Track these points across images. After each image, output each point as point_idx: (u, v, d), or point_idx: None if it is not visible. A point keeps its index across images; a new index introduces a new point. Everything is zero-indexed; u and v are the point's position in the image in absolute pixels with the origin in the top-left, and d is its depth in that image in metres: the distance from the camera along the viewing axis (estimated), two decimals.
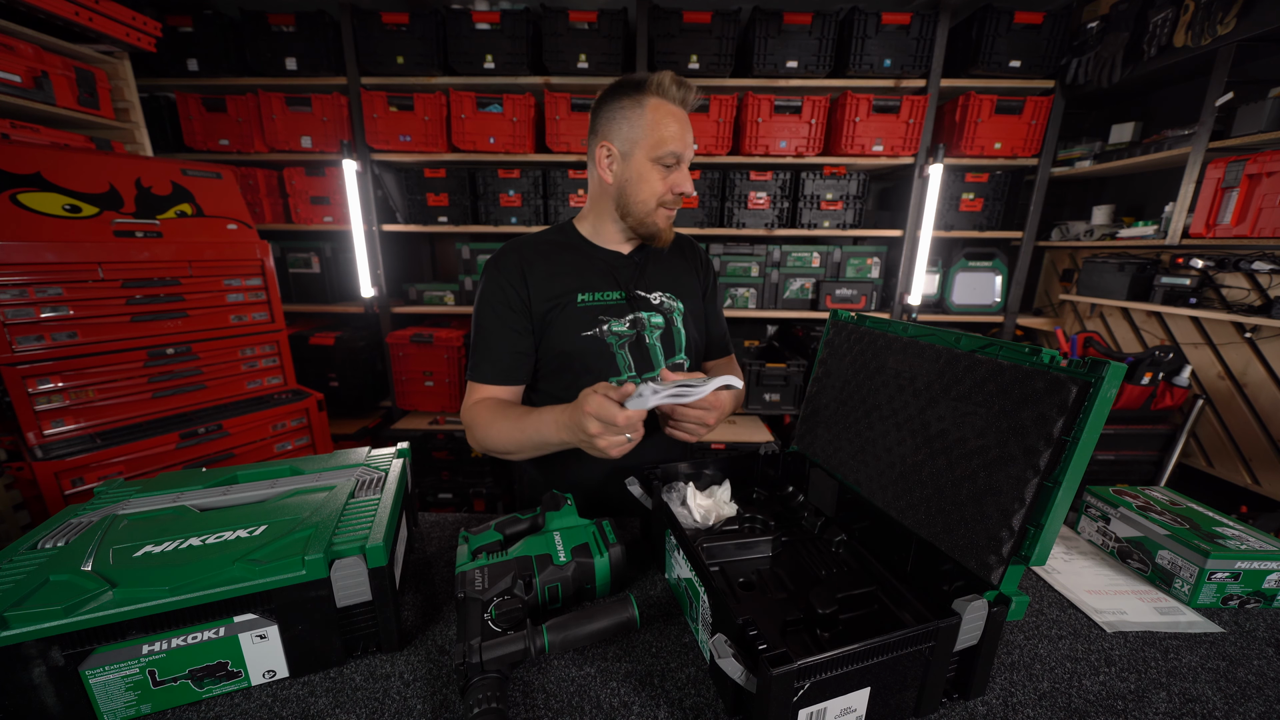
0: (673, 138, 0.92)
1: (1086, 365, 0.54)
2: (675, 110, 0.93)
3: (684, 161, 0.95)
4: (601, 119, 0.95)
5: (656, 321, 1.03)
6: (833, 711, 0.52)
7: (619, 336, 1.00)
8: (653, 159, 0.93)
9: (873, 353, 0.82)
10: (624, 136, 0.93)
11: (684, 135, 0.93)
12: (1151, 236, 2.12)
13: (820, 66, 2.28)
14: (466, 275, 2.60)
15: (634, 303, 1.02)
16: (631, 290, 1.02)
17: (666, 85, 0.91)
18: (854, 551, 0.78)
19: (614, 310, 1.00)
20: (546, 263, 1.00)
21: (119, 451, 1.45)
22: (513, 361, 0.98)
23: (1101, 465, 1.97)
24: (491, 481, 2.52)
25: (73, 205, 1.44)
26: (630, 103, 0.92)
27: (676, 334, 1.06)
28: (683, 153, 0.94)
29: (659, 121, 0.91)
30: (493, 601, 0.66)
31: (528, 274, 0.98)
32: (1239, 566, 0.74)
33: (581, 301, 0.99)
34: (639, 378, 1.01)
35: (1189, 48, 1.84)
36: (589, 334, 0.98)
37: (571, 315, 0.98)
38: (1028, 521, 0.56)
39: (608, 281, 1.02)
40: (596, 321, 0.99)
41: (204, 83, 2.42)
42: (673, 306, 1.06)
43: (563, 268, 1.00)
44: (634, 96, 0.92)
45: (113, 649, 0.55)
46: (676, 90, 0.91)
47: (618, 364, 1.00)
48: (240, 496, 0.78)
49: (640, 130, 0.92)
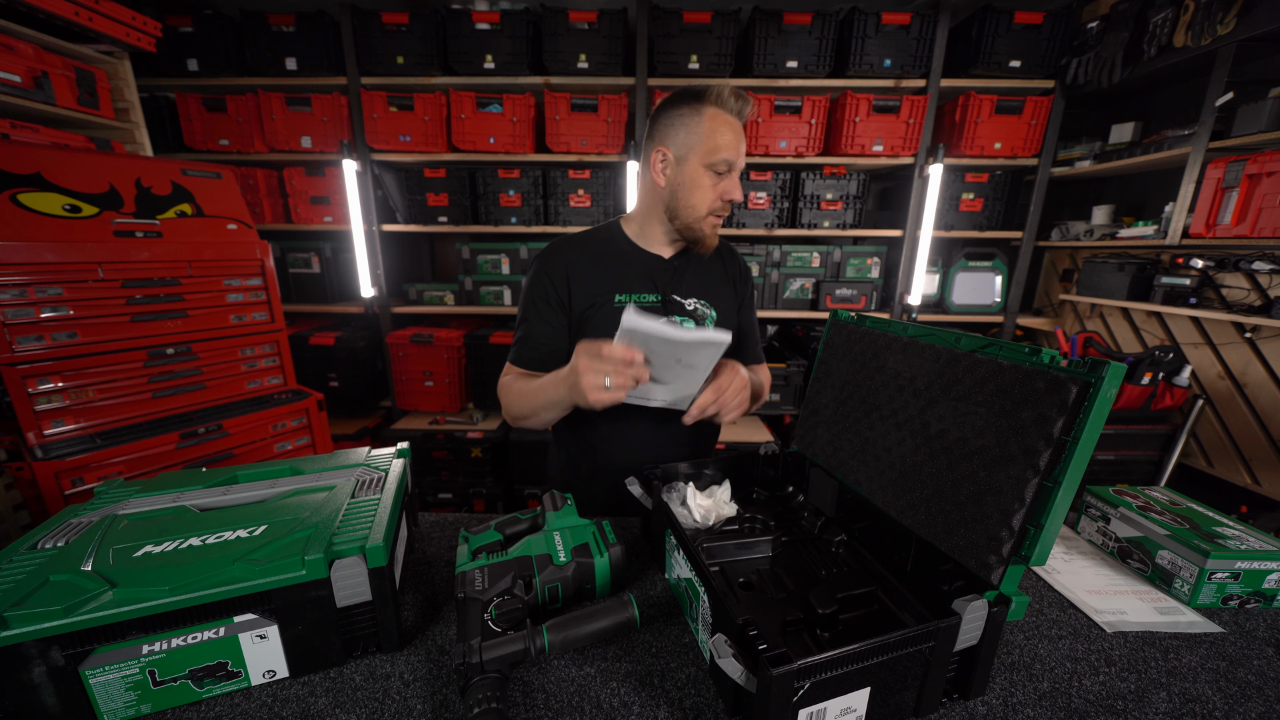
0: (727, 145, 0.95)
1: (1086, 365, 0.54)
2: (731, 120, 0.96)
3: (735, 170, 0.98)
4: (660, 125, 0.99)
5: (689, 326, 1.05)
6: (833, 711, 0.52)
7: None
8: (706, 165, 0.96)
9: (873, 353, 0.82)
10: (680, 142, 0.97)
11: (738, 145, 0.96)
12: (1151, 236, 2.12)
13: (820, 66, 2.28)
14: (466, 275, 2.60)
15: (669, 306, 1.05)
16: (668, 294, 1.05)
17: (725, 96, 0.95)
18: (854, 551, 0.78)
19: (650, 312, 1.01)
20: (590, 262, 1.04)
21: (119, 451, 1.45)
22: (546, 353, 1.03)
23: (1101, 465, 1.97)
24: (491, 481, 2.52)
25: (73, 205, 1.44)
26: (689, 110, 0.96)
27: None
28: (735, 161, 0.97)
29: (715, 130, 0.94)
30: (493, 601, 0.66)
31: (570, 273, 1.02)
32: (1239, 566, 0.74)
33: (619, 302, 1.02)
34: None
35: (1189, 48, 1.84)
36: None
37: (608, 314, 1.01)
38: (1028, 521, 0.56)
39: (645, 284, 1.05)
40: None
41: (204, 83, 2.42)
42: (705, 314, 1.09)
43: (604, 268, 1.04)
44: (693, 105, 0.96)
45: (113, 649, 0.55)
46: (734, 102, 0.96)
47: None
48: (240, 496, 0.78)
49: (697, 137, 0.95)
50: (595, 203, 2.50)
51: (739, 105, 0.96)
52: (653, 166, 1.00)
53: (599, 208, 2.51)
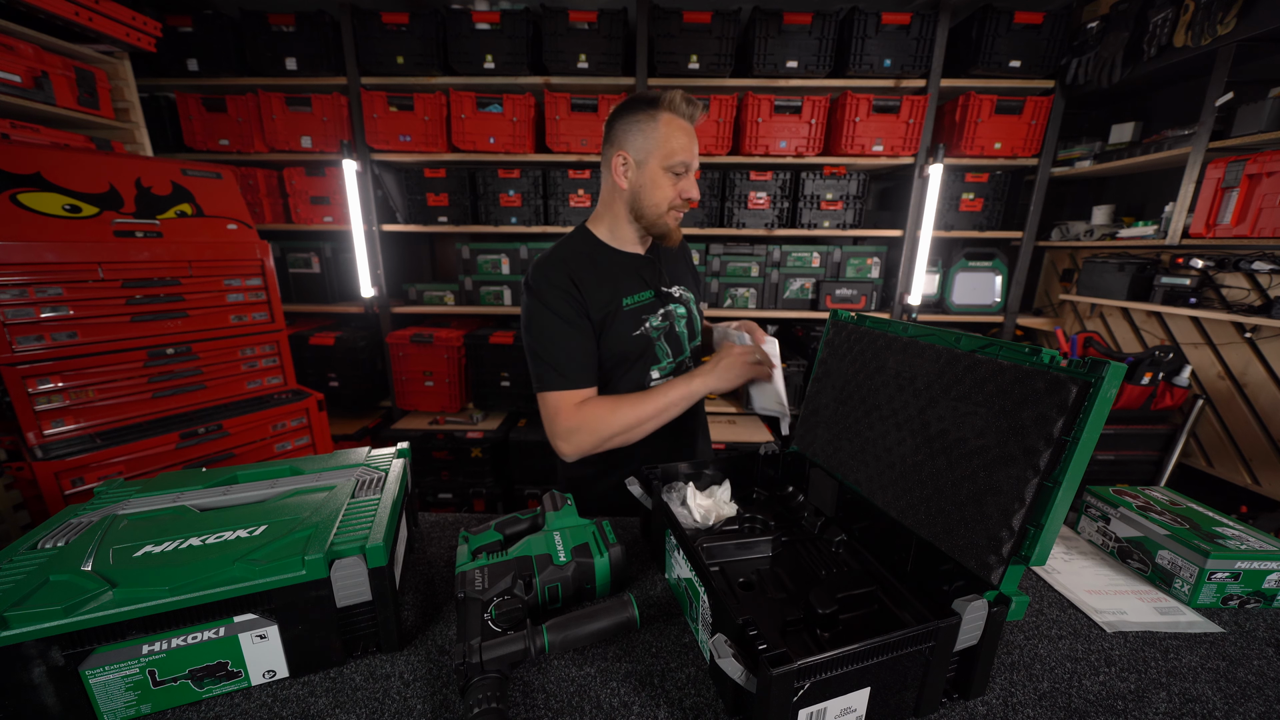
0: (682, 149, 1.01)
1: (1086, 365, 0.54)
2: (684, 124, 1.02)
3: (691, 170, 1.05)
4: (618, 130, 1.04)
5: (681, 312, 1.17)
6: (833, 711, 0.52)
7: (658, 330, 1.11)
8: (665, 167, 1.02)
9: (873, 353, 0.82)
10: (639, 146, 1.02)
11: (692, 147, 1.03)
12: (1151, 236, 2.12)
13: (820, 66, 2.28)
14: (466, 275, 2.60)
15: (662, 299, 1.13)
16: (658, 288, 1.13)
17: (678, 102, 1.01)
18: (854, 551, 0.78)
19: (650, 308, 1.11)
20: (588, 273, 1.07)
21: (119, 451, 1.45)
22: (587, 365, 1.05)
23: (1101, 465, 1.97)
24: (491, 481, 2.52)
25: (73, 205, 1.44)
26: (645, 117, 1.01)
27: (693, 320, 1.20)
28: (690, 162, 1.03)
29: (671, 134, 1.00)
30: (493, 601, 0.66)
31: (580, 284, 1.04)
32: (1239, 566, 0.74)
33: (628, 306, 1.08)
34: (673, 361, 1.15)
35: (1189, 48, 1.84)
36: (638, 333, 1.09)
37: (622, 319, 1.07)
38: (1028, 521, 0.56)
39: (639, 283, 1.11)
40: (640, 321, 1.09)
41: (204, 83, 2.42)
42: (687, 297, 1.19)
43: (602, 276, 1.08)
44: (649, 111, 1.01)
45: (113, 649, 0.55)
46: (686, 107, 1.02)
47: (657, 353, 1.13)
48: (240, 496, 0.78)
49: (654, 141, 1.01)
50: (595, 202, 2.50)
51: (690, 110, 1.03)
52: (615, 170, 1.05)
53: None
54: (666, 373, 1.13)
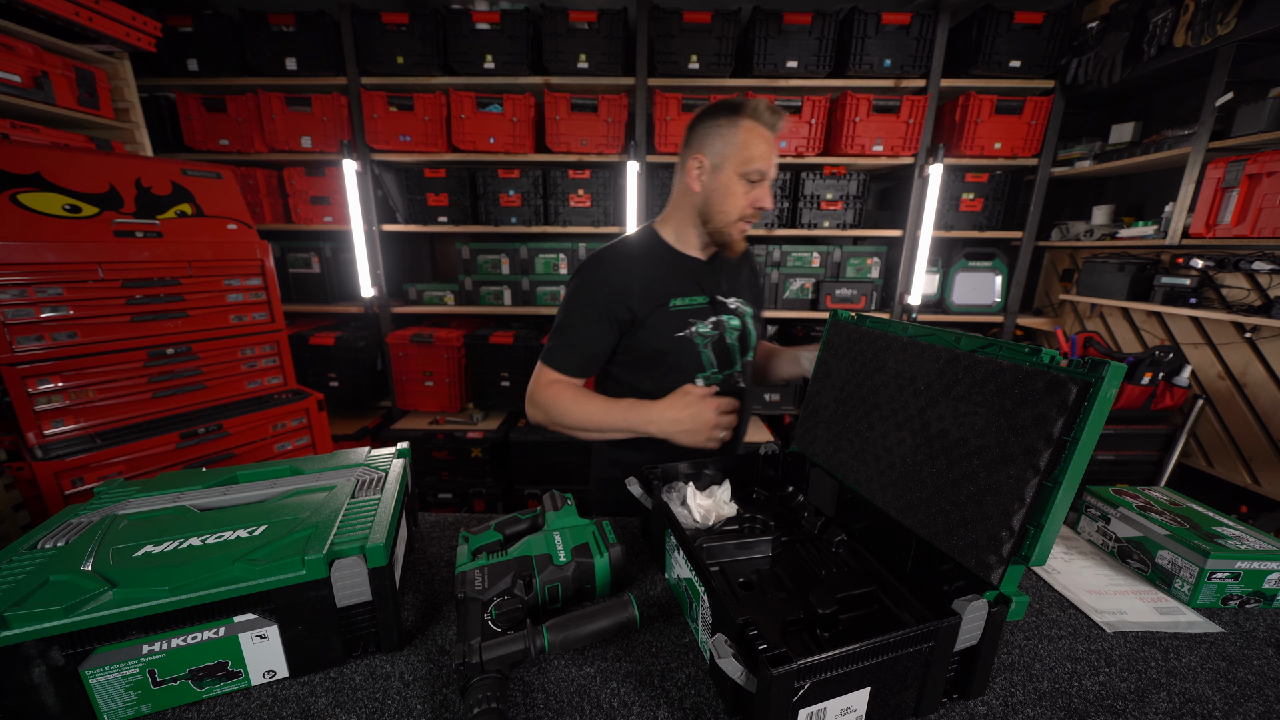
0: (760, 156, 1.00)
1: (1086, 365, 0.54)
2: (765, 133, 1.01)
3: (767, 179, 1.04)
4: (697, 134, 1.04)
5: (734, 324, 1.14)
6: (833, 711, 0.52)
7: (704, 337, 1.10)
8: (740, 173, 1.01)
9: (873, 353, 0.82)
10: (716, 151, 1.01)
11: (770, 155, 1.02)
12: (1151, 236, 2.12)
13: (820, 66, 2.28)
14: (466, 275, 2.60)
15: (716, 307, 1.12)
16: (713, 295, 1.12)
17: (761, 110, 0.99)
18: (854, 551, 0.78)
19: (700, 313, 1.10)
20: (643, 269, 1.09)
21: (119, 451, 1.45)
22: (587, 360, 1.09)
23: (1101, 465, 1.97)
24: (491, 481, 2.52)
25: (73, 205, 1.44)
26: (726, 122, 1.00)
27: (749, 335, 1.17)
28: (767, 171, 1.02)
29: (750, 141, 0.99)
30: (493, 601, 0.66)
31: (630, 280, 1.06)
32: (1239, 566, 0.74)
33: (674, 306, 1.08)
34: (720, 374, 1.13)
35: (1189, 48, 1.84)
36: (681, 335, 1.08)
37: (666, 318, 1.07)
38: (1028, 521, 0.56)
39: (693, 287, 1.11)
40: (687, 324, 1.08)
41: (204, 83, 2.42)
42: (745, 310, 1.17)
43: (657, 273, 1.09)
44: (730, 117, 1.00)
45: (113, 649, 0.55)
46: (770, 115, 1.00)
47: (702, 361, 1.11)
48: (240, 496, 0.78)
49: (733, 147, 1.00)
50: (595, 203, 2.50)
51: (774, 119, 1.01)
52: (689, 173, 1.05)
53: (599, 208, 2.51)
54: (713, 382, 1.12)
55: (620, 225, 2.50)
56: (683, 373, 1.10)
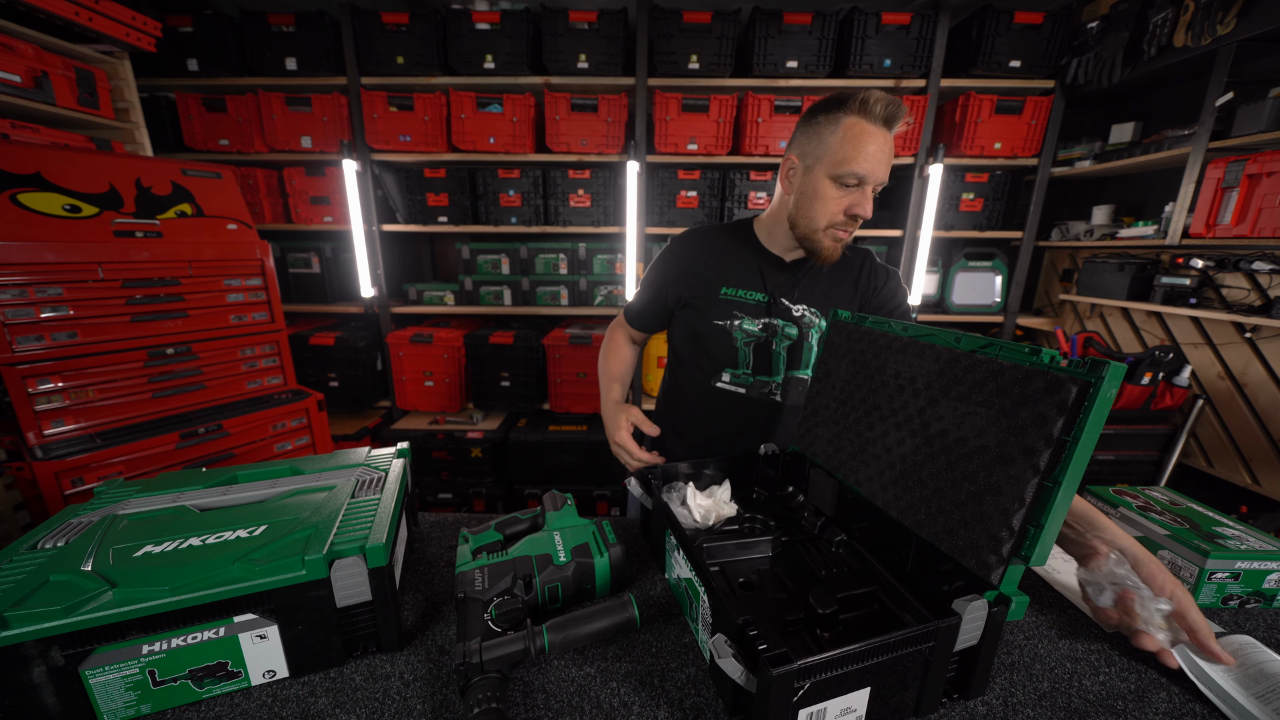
0: (858, 157, 0.89)
1: (1086, 365, 0.53)
2: (872, 130, 0.89)
3: (867, 183, 0.92)
4: (798, 132, 0.97)
5: (790, 332, 1.06)
6: (833, 711, 0.52)
7: (747, 334, 1.06)
8: (831, 175, 0.92)
9: (873, 353, 0.82)
10: (810, 150, 0.94)
11: (875, 156, 0.89)
12: (1151, 236, 2.12)
13: (820, 66, 2.28)
14: (466, 275, 2.60)
15: (773, 309, 1.05)
16: (776, 296, 1.05)
17: (869, 103, 0.88)
18: (854, 551, 0.78)
19: (751, 310, 1.06)
20: (713, 254, 1.09)
21: (119, 451, 1.45)
22: (641, 315, 1.20)
23: (1101, 465, 1.97)
24: (491, 481, 2.52)
25: (73, 205, 1.44)
26: (826, 118, 0.91)
27: (807, 349, 1.08)
28: (866, 174, 0.91)
29: (849, 140, 0.89)
30: (493, 601, 0.66)
31: (692, 262, 1.09)
32: (1239, 566, 0.74)
33: (724, 294, 1.06)
34: (752, 377, 1.09)
35: (1189, 48, 1.84)
36: (720, 323, 1.06)
37: (711, 302, 1.06)
38: (1028, 521, 0.56)
39: (755, 282, 1.06)
40: (731, 315, 1.06)
41: (204, 83, 2.42)
42: (813, 322, 1.06)
43: (725, 261, 1.08)
44: (832, 112, 0.91)
45: (113, 649, 0.55)
46: (880, 109, 0.88)
47: (737, 358, 1.08)
48: (240, 496, 0.78)
49: (827, 146, 0.91)
50: (595, 203, 2.50)
51: (887, 111, 0.88)
52: (782, 173, 1.01)
53: (599, 208, 2.51)
54: (740, 383, 1.09)
55: (620, 225, 2.50)
56: (713, 362, 1.09)
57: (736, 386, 1.09)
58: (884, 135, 0.90)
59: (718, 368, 1.09)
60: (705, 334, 1.07)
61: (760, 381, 1.08)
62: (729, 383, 1.09)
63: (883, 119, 0.89)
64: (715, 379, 1.10)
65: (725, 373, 1.09)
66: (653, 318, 1.19)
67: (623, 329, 1.24)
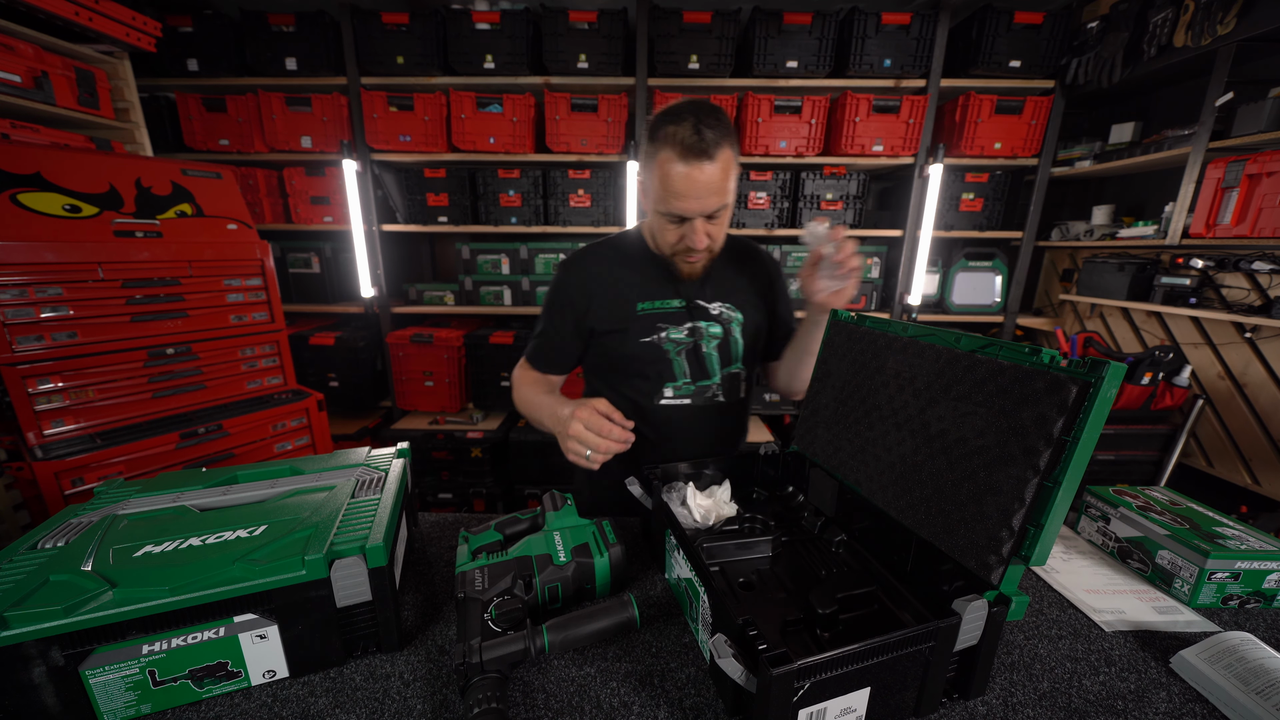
0: (668, 198, 0.87)
1: (1086, 365, 0.53)
2: (683, 169, 0.84)
3: (692, 219, 0.90)
4: (643, 149, 0.93)
5: (714, 331, 1.05)
6: (833, 711, 0.52)
7: (677, 344, 1.03)
8: (657, 211, 0.92)
9: (873, 353, 0.82)
10: (644, 177, 0.93)
11: (686, 195, 0.86)
12: (1151, 236, 2.12)
13: (820, 66, 2.28)
14: (466, 275, 2.60)
15: (693, 312, 1.04)
16: (692, 300, 1.04)
17: (681, 139, 0.83)
18: (854, 551, 0.78)
19: (673, 318, 1.04)
20: (612, 271, 1.05)
21: (119, 451, 1.45)
22: (552, 355, 1.10)
23: (1101, 465, 1.97)
24: (491, 481, 2.52)
25: (73, 205, 1.44)
26: (650, 148, 0.89)
27: (733, 344, 1.07)
28: (684, 213, 0.88)
29: (663, 178, 0.87)
30: (493, 601, 0.66)
31: (592, 286, 1.03)
32: (1239, 566, 0.74)
33: (642, 310, 1.02)
34: (693, 384, 1.06)
35: (1189, 48, 1.84)
36: (647, 340, 1.03)
37: (632, 322, 1.02)
38: (1028, 521, 0.56)
39: (668, 289, 1.04)
40: (655, 329, 1.03)
41: (204, 83, 2.42)
42: (731, 317, 1.06)
43: (630, 275, 1.04)
44: (653, 142, 0.88)
45: (113, 649, 0.55)
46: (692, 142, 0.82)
47: (674, 370, 1.05)
48: (240, 496, 0.78)
49: (652, 180, 0.90)
50: (595, 203, 2.50)
51: (700, 145, 0.82)
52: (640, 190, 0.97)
53: (599, 208, 2.51)
54: (683, 394, 1.06)
55: (620, 225, 2.50)
56: (649, 381, 1.04)
57: (681, 399, 1.06)
58: (699, 169, 0.84)
59: (657, 385, 1.04)
60: (634, 354, 1.03)
61: (702, 387, 1.06)
62: (673, 397, 1.05)
63: (695, 152, 0.83)
64: (657, 397, 1.05)
65: (667, 388, 1.05)
66: (570, 358, 1.10)
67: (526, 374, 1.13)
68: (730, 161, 0.87)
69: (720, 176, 0.86)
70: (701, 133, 0.82)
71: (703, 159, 0.83)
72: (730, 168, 0.87)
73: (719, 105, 1.02)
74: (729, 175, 0.88)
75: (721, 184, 0.87)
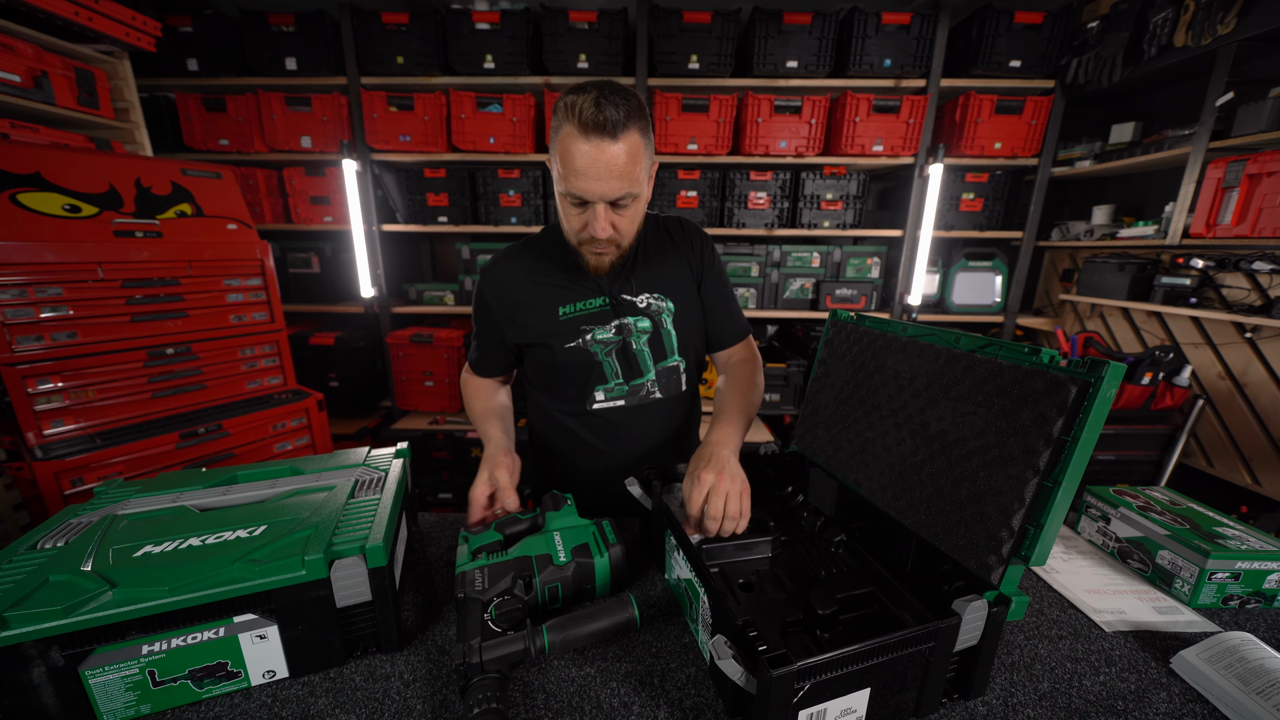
0: (568, 175, 0.79)
1: (1086, 365, 0.53)
2: (583, 146, 0.77)
3: (593, 203, 0.82)
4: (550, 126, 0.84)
5: (643, 326, 0.99)
6: (833, 712, 0.52)
7: (604, 345, 0.98)
8: (559, 194, 0.84)
9: (872, 353, 0.82)
10: (551, 156, 0.84)
11: (585, 174, 0.78)
12: (1151, 236, 2.12)
13: (820, 66, 2.28)
14: (466, 275, 2.60)
15: (619, 308, 0.98)
16: (617, 295, 0.98)
17: (581, 110, 0.76)
18: (854, 551, 0.78)
19: (597, 318, 0.98)
20: (530, 278, 0.99)
21: (119, 451, 1.45)
22: (483, 358, 1.09)
23: (1101, 465, 1.97)
24: None
25: (73, 205, 1.44)
26: (556, 121, 0.80)
27: (666, 336, 1.01)
28: (582, 194, 0.80)
29: (563, 153, 0.79)
30: (493, 601, 0.66)
31: (507, 297, 1.00)
32: (1239, 566, 0.74)
33: (564, 314, 0.97)
34: (625, 384, 1.02)
35: (1189, 48, 1.84)
36: (572, 345, 0.97)
37: (554, 328, 0.97)
38: (1027, 521, 0.56)
39: (589, 288, 0.98)
40: (579, 332, 0.97)
41: (204, 83, 2.42)
42: (661, 307, 1.00)
43: (545, 278, 0.98)
44: (558, 115, 0.80)
45: (112, 649, 0.55)
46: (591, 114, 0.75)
47: (604, 372, 1.00)
48: (240, 496, 0.78)
49: (555, 156, 0.81)
50: None
51: (598, 119, 0.74)
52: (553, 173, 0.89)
53: None
54: (616, 396, 1.01)
55: None
56: (579, 386, 1.00)
57: (615, 400, 1.01)
58: (602, 147, 0.76)
59: (588, 390, 1.00)
60: (561, 360, 0.98)
61: (635, 386, 1.01)
62: (605, 400, 1.01)
63: (594, 127, 0.75)
64: (589, 402, 1.01)
65: (598, 391, 1.00)
66: (505, 363, 1.09)
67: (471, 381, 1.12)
68: (639, 147, 0.80)
69: (625, 160, 0.78)
70: (602, 106, 0.75)
71: (604, 136, 0.76)
72: (639, 155, 0.80)
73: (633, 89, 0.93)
74: (636, 162, 0.80)
75: (627, 168, 0.79)
